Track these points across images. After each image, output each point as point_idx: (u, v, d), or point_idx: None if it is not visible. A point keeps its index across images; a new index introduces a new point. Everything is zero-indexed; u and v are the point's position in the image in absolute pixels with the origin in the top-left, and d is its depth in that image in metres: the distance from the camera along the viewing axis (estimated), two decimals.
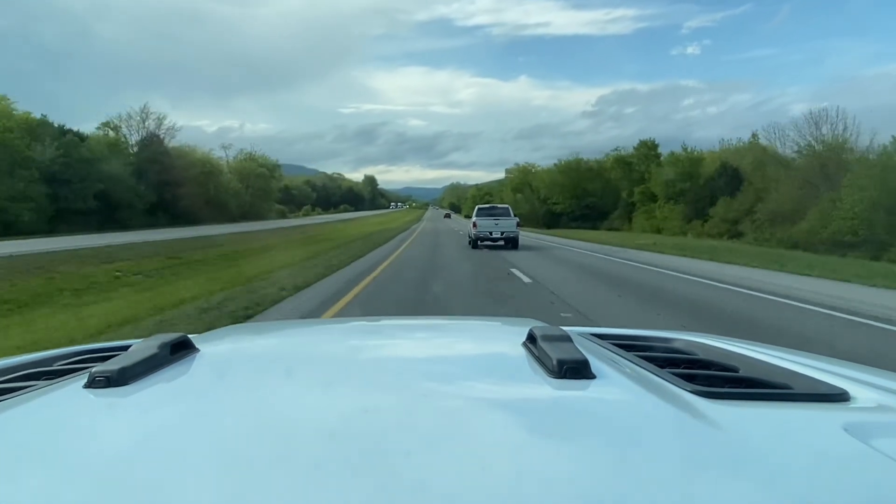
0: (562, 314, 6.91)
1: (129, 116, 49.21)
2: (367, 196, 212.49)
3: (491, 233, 19.09)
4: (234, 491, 0.46)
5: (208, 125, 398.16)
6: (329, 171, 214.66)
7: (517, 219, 19.75)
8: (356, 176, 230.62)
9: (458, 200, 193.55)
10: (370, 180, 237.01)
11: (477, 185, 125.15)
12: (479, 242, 19.14)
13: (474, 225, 19.20)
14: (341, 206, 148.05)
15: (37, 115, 38.89)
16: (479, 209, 20.39)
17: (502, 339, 1.15)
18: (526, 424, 0.63)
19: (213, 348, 0.96)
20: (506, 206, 21.30)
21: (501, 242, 19.24)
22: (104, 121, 48.88)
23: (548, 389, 0.71)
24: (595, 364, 0.75)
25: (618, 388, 0.72)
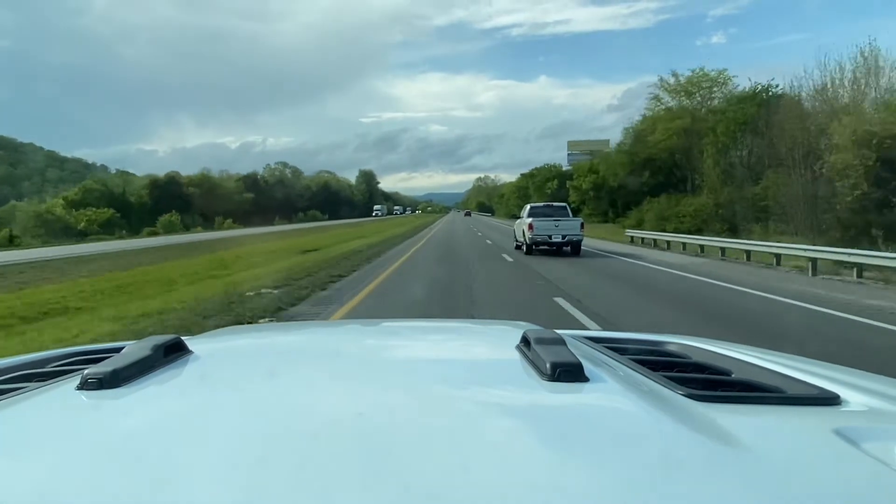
0: None
1: None
2: (361, 198, 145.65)
3: (550, 236, 15.92)
4: (224, 492, 0.46)
5: (232, 142, 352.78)
6: (352, 181, 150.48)
7: (580, 219, 17.30)
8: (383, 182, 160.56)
9: (487, 200, 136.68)
10: (366, 177, 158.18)
11: (523, 173, 76.19)
12: (534, 248, 16.15)
13: (530, 227, 16.08)
14: (300, 215, 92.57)
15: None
16: (532, 208, 17.45)
17: (496, 342, 1.14)
18: (518, 427, 0.62)
19: (207, 350, 0.95)
20: (563, 204, 18.52)
21: (557, 248, 16.17)
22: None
23: (541, 392, 0.70)
24: (588, 367, 0.74)
25: (611, 391, 0.71)
